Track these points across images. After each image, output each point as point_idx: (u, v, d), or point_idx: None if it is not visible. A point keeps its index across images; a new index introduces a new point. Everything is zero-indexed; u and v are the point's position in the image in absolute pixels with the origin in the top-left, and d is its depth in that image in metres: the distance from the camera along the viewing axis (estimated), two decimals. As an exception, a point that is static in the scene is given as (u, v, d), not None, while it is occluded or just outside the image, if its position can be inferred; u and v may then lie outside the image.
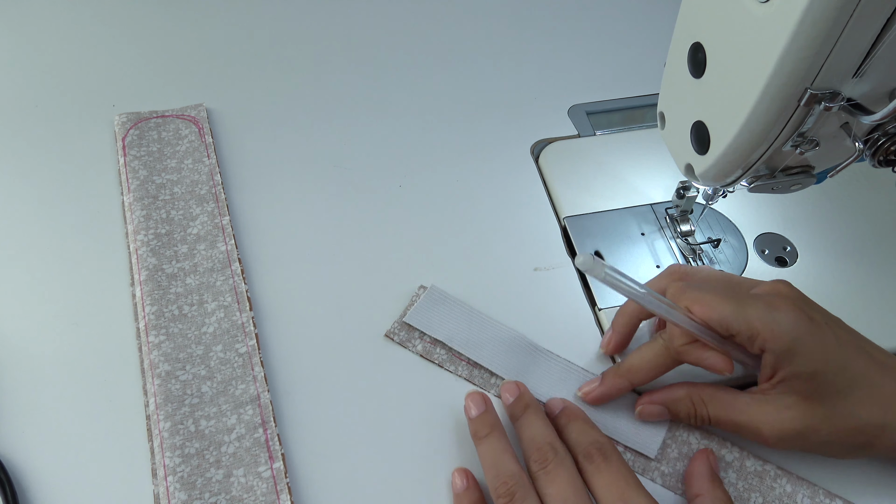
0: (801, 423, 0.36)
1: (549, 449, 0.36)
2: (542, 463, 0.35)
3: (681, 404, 0.39)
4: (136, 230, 0.46)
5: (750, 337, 0.36)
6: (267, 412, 0.39)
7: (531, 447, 0.36)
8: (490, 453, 0.36)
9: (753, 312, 0.36)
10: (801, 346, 0.35)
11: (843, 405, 0.36)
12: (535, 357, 0.43)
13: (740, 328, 0.36)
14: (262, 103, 0.56)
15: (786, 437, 0.36)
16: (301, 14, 0.63)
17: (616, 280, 0.36)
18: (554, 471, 0.35)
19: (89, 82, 0.56)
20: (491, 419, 0.38)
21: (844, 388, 0.35)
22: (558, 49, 0.63)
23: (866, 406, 0.35)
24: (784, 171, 0.38)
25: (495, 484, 0.35)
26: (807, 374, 0.35)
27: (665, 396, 0.39)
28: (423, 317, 0.44)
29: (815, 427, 0.36)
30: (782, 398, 0.36)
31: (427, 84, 0.59)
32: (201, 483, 0.36)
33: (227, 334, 0.42)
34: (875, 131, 0.33)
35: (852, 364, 0.36)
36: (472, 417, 0.39)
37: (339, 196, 0.50)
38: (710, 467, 0.38)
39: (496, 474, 0.35)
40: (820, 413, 0.36)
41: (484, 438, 0.37)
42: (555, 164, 0.53)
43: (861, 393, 0.35)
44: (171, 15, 0.62)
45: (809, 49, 0.29)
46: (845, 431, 0.36)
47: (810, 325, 0.35)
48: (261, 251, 0.47)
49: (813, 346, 0.35)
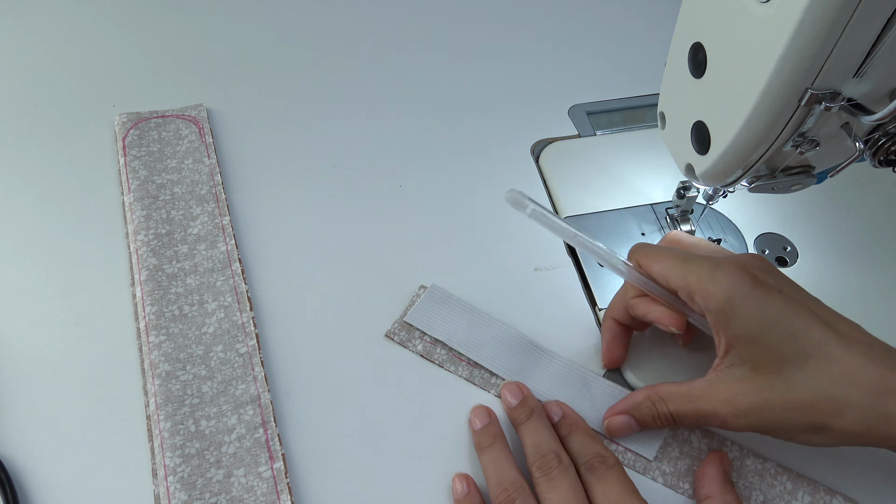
0: (754, 398, 0.34)
1: (553, 457, 0.36)
2: (546, 470, 0.36)
3: (642, 408, 0.38)
4: (137, 230, 0.46)
5: (688, 294, 0.35)
6: (267, 412, 0.39)
7: (535, 454, 0.37)
8: (492, 462, 0.37)
9: (693, 269, 0.35)
10: (738, 307, 0.34)
11: (796, 376, 0.33)
12: (535, 357, 0.43)
13: (678, 283, 0.35)
14: (262, 103, 0.56)
15: (741, 413, 0.34)
16: (301, 14, 0.63)
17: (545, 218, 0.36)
18: (557, 478, 0.35)
19: (89, 82, 0.56)
20: (494, 430, 0.39)
21: (795, 356, 0.33)
22: (558, 49, 0.63)
23: (821, 379, 0.33)
24: (784, 171, 0.37)
25: (496, 491, 0.35)
26: (746, 339, 0.34)
27: (626, 404, 0.39)
28: (424, 316, 0.44)
29: (769, 400, 0.34)
30: (732, 371, 0.35)
31: (427, 84, 0.59)
32: (202, 483, 0.36)
33: (228, 334, 0.42)
34: (875, 131, 0.33)
35: (805, 332, 0.33)
36: (476, 429, 0.39)
37: (339, 196, 0.50)
38: (722, 470, 0.37)
39: (497, 482, 0.36)
40: (770, 384, 0.34)
41: (487, 448, 0.38)
42: (555, 164, 0.53)
43: (816, 365, 0.33)
44: (171, 15, 0.62)
45: (810, 49, 0.29)
46: (799, 407, 0.33)
47: (752, 285, 0.34)
48: (261, 251, 0.47)
49: (751, 308, 0.34)
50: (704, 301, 0.35)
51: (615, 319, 0.42)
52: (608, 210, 0.50)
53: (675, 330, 0.37)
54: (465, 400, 0.41)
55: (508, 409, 0.40)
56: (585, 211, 0.50)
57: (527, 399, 0.40)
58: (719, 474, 0.37)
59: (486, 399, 0.41)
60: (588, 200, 0.51)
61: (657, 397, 0.38)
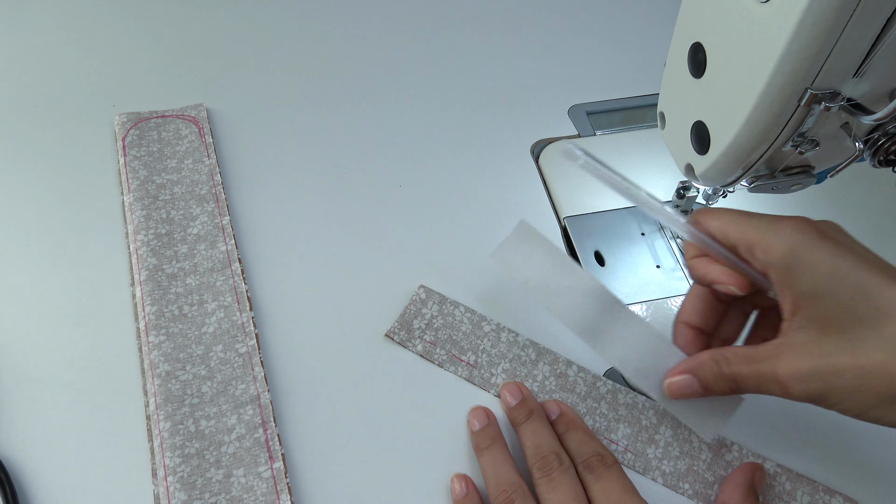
0: (819, 360, 0.30)
1: (553, 458, 0.36)
2: (546, 471, 0.36)
3: (706, 367, 0.34)
4: (137, 230, 0.46)
5: (748, 248, 0.32)
6: (267, 412, 0.39)
7: (536, 454, 0.37)
8: (491, 464, 0.37)
9: (753, 222, 0.32)
10: (803, 258, 0.30)
11: (868, 337, 0.29)
12: (614, 315, 0.39)
13: (737, 237, 0.33)
14: (262, 103, 0.56)
15: (803, 376, 0.30)
16: (301, 14, 0.63)
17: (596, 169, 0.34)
18: (558, 478, 0.35)
19: (89, 82, 0.56)
20: (493, 432, 0.39)
21: (868, 316, 0.29)
22: (558, 49, 0.63)
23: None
24: (784, 171, 0.37)
25: (495, 493, 0.35)
26: (812, 294, 0.30)
27: (689, 364, 0.35)
28: (509, 254, 0.40)
29: (836, 364, 0.29)
30: (798, 334, 0.31)
31: (427, 84, 0.59)
32: (201, 483, 0.36)
33: (227, 334, 0.42)
34: (875, 131, 0.33)
35: (879, 289, 0.29)
36: (474, 431, 0.39)
37: (339, 196, 0.50)
38: (750, 481, 0.36)
39: (497, 483, 0.36)
40: (838, 346, 0.30)
41: (486, 450, 0.38)
42: (555, 164, 0.53)
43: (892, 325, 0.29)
44: (171, 15, 0.62)
45: (809, 49, 0.29)
46: (871, 372, 0.29)
47: (817, 237, 0.31)
48: (261, 251, 0.47)
49: (818, 259, 0.30)
50: (765, 255, 0.31)
51: (686, 324, 0.38)
52: (608, 210, 0.50)
53: (735, 290, 0.33)
54: (465, 400, 0.41)
55: (508, 409, 0.40)
56: (585, 211, 0.50)
57: (526, 399, 0.40)
58: (744, 483, 0.36)
59: (485, 399, 0.41)
60: (588, 200, 0.51)
61: (722, 357, 0.34)
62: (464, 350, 0.43)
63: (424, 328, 0.43)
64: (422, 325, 0.44)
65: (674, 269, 0.48)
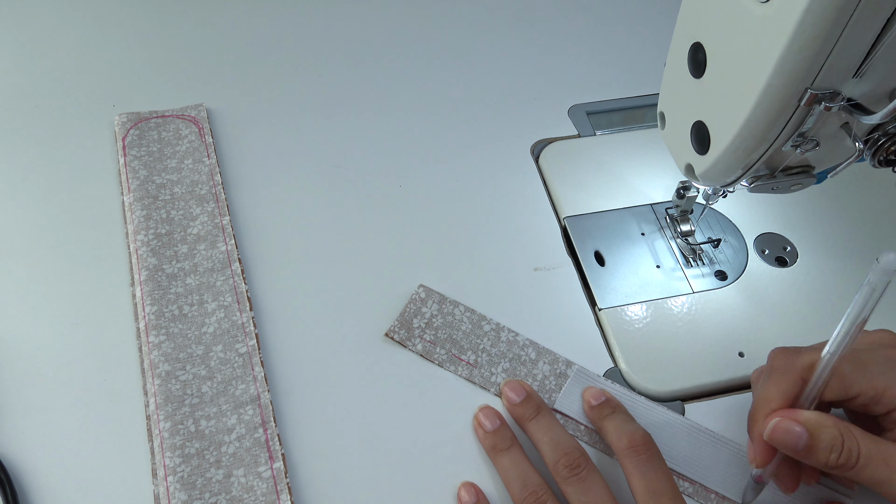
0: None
1: (578, 454, 0.35)
2: (575, 469, 0.35)
3: (827, 431, 0.32)
4: (137, 230, 0.46)
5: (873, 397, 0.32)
6: (267, 412, 0.39)
7: (557, 451, 0.36)
8: (514, 465, 0.36)
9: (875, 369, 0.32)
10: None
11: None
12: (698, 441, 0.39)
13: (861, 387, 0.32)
14: (262, 103, 0.56)
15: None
16: (301, 14, 0.63)
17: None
18: (588, 477, 0.35)
19: (89, 82, 0.56)
20: (510, 432, 0.38)
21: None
22: (558, 49, 0.63)
23: None
24: (784, 171, 0.37)
25: (522, 494, 0.35)
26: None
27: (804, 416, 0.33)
28: (570, 400, 0.40)
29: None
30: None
31: (427, 84, 0.59)
32: (201, 483, 0.36)
33: (228, 334, 0.42)
34: (875, 131, 0.33)
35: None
36: (488, 431, 0.38)
37: (339, 196, 0.50)
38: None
39: (523, 484, 0.35)
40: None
41: (505, 451, 0.37)
42: (555, 164, 0.53)
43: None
44: (171, 15, 0.62)
45: (809, 49, 0.29)
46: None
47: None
48: (261, 251, 0.47)
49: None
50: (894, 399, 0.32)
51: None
52: (608, 210, 0.50)
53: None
54: (465, 399, 0.41)
55: (512, 406, 0.40)
56: (585, 211, 0.50)
57: (531, 395, 0.39)
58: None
59: (485, 399, 0.41)
60: (588, 200, 0.51)
61: (848, 431, 0.32)
62: (464, 349, 0.43)
63: (424, 327, 0.43)
64: (421, 324, 0.44)
65: (674, 269, 0.48)
